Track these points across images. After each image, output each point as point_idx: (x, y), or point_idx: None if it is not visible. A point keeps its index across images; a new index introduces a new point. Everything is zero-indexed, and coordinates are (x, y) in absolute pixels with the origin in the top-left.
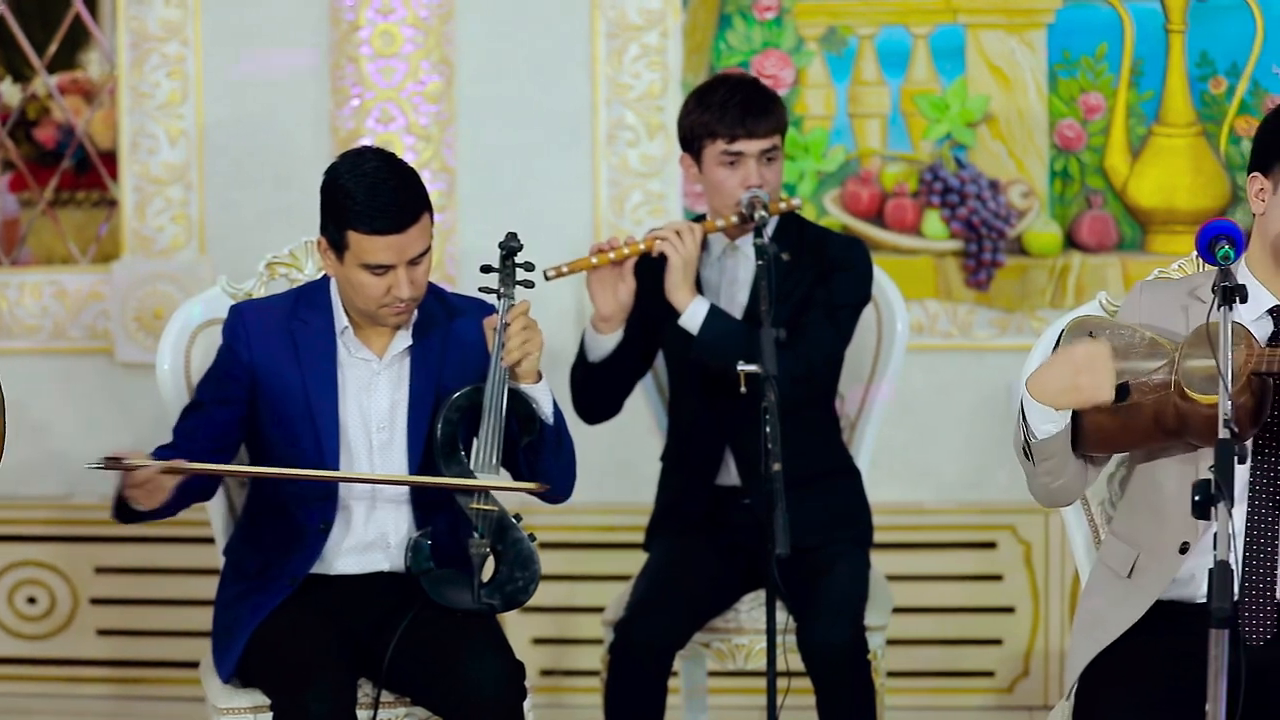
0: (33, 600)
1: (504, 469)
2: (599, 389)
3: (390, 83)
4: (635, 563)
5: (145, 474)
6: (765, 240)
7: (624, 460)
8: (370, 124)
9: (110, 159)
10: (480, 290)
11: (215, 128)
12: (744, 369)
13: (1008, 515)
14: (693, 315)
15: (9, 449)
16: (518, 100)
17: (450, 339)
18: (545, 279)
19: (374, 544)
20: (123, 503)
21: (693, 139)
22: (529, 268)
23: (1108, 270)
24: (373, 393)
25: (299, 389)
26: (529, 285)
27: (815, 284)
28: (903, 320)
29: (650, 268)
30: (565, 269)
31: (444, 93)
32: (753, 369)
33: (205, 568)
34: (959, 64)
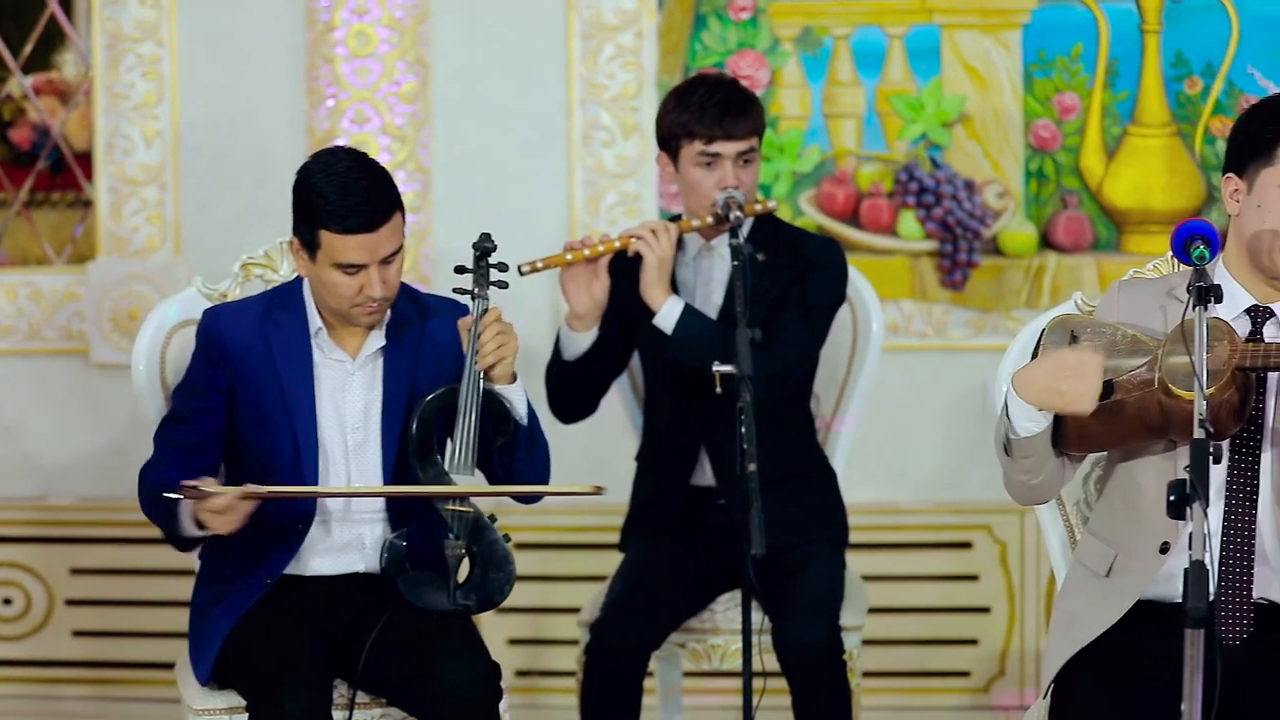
0: (8, 601)
1: (478, 470)
2: (574, 388)
3: (365, 83)
4: (611, 563)
5: (223, 501)
6: (740, 241)
7: (599, 460)
8: (345, 124)
9: (85, 160)
10: (454, 291)
11: (190, 128)
12: (719, 369)
13: (983, 515)
14: (667, 315)
15: None
16: (493, 101)
17: (424, 339)
18: (519, 274)
19: (349, 545)
20: (173, 533)
21: (670, 139)
22: (503, 268)
23: (1083, 270)
24: (347, 394)
25: (275, 392)
26: (503, 286)
27: (790, 284)
28: (878, 320)
29: (625, 267)
30: (539, 264)
31: (419, 93)
32: (728, 369)
33: (180, 569)
34: (934, 64)
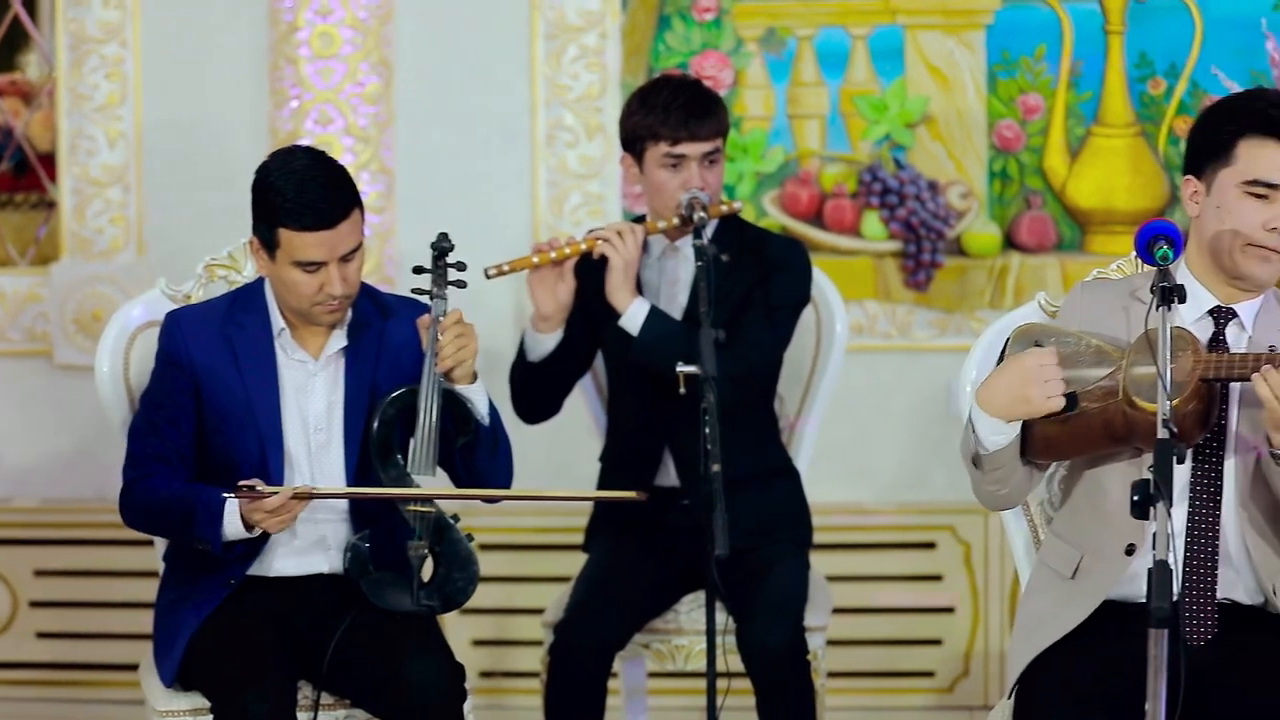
0: None
1: (442, 469)
2: (538, 389)
3: (329, 84)
4: (575, 564)
5: (277, 500)
6: (704, 241)
7: (563, 461)
8: (309, 125)
9: (49, 161)
10: (413, 291)
11: (154, 129)
12: (683, 370)
13: (947, 515)
14: (633, 316)
15: None
16: (456, 102)
17: (384, 339)
18: (486, 277)
19: (313, 546)
20: (189, 539)
21: (634, 140)
22: (461, 267)
23: (1047, 271)
24: (310, 394)
25: (240, 393)
26: (461, 285)
27: (754, 285)
28: (842, 321)
29: (591, 268)
30: (506, 267)
31: (383, 94)
32: (692, 370)
33: (144, 570)
34: (898, 65)
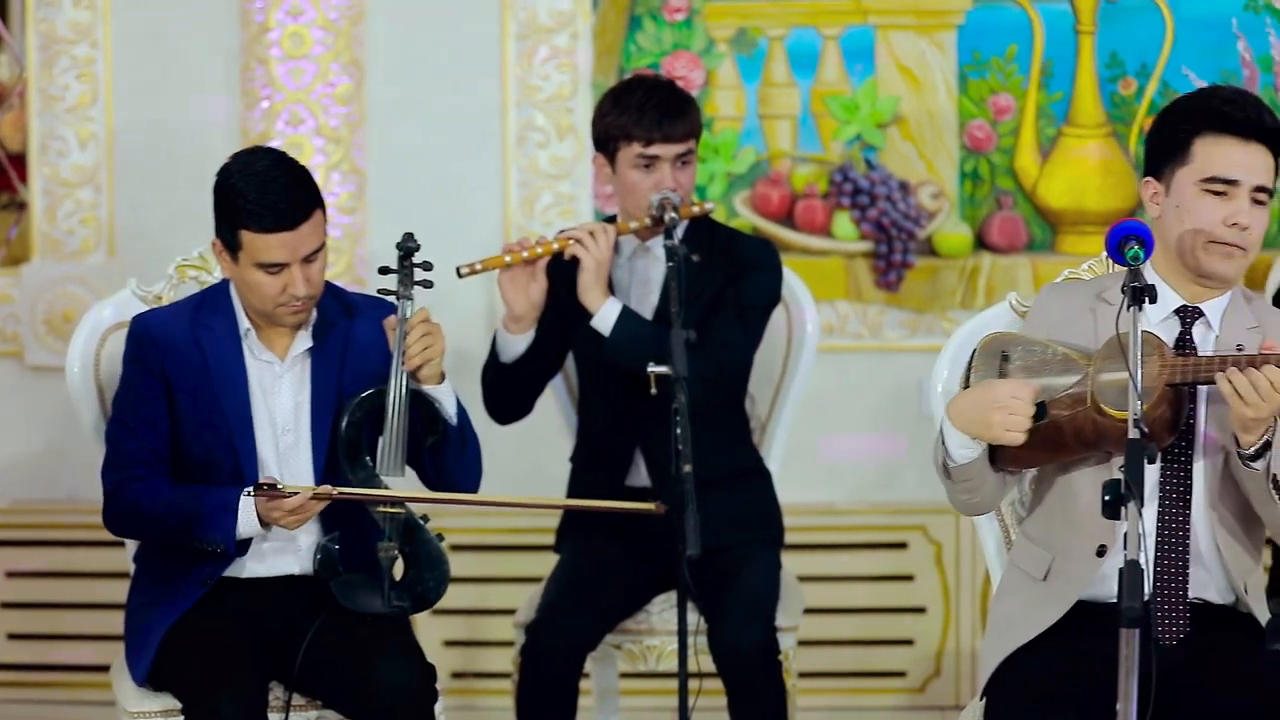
0: None
1: (411, 468)
2: (510, 389)
3: (300, 85)
4: (546, 565)
5: (297, 500)
6: (675, 242)
7: (534, 462)
8: (280, 126)
9: (20, 161)
10: (379, 291)
11: (125, 130)
12: (654, 370)
13: (918, 515)
14: (605, 317)
15: None
16: (428, 102)
17: (350, 339)
18: (458, 276)
19: (284, 548)
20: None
21: (607, 140)
22: (427, 267)
23: (1018, 271)
24: (277, 395)
25: (211, 396)
26: (428, 285)
27: (725, 285)
28: (813, 321)
29: (562, 268)
30: (478, 266)
31: (354, 94)
32: (663, 370)
33: (116, 571)
34: (869, 65)
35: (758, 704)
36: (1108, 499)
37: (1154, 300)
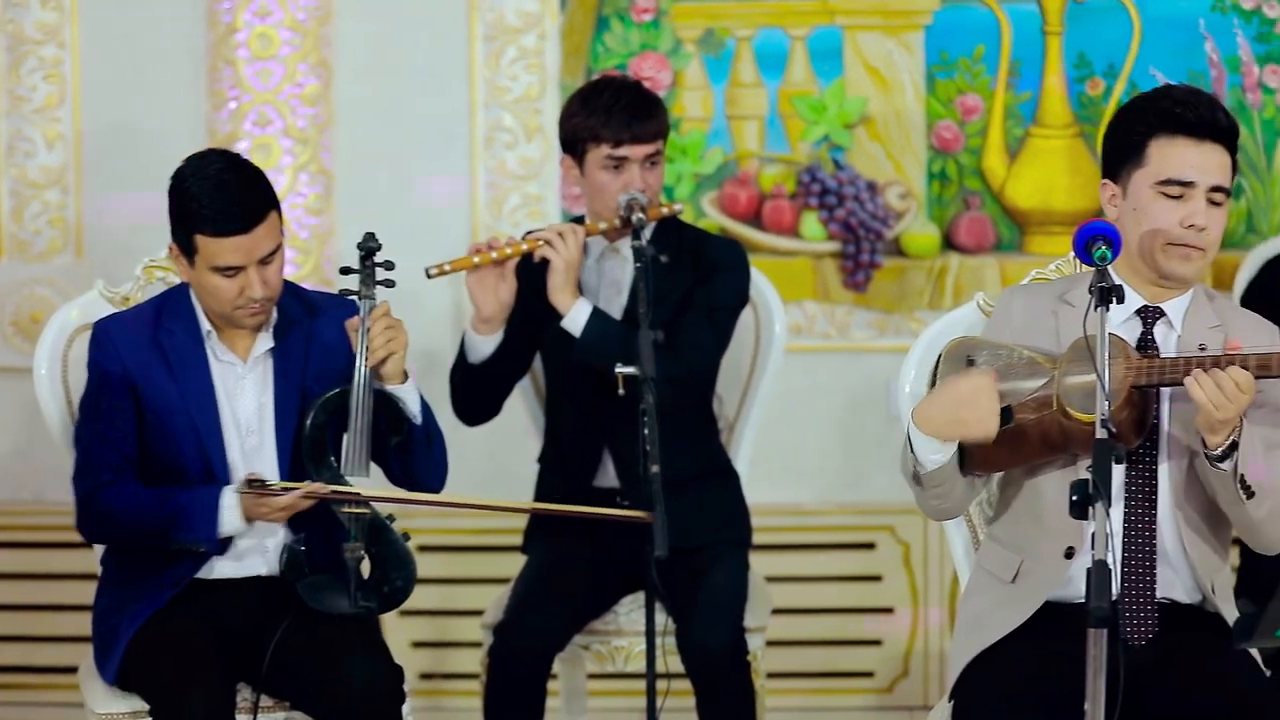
0: None
1: (378, 466)
2: (479, 390)
3: (267, 85)
4: (514, 565)
5: (288, 499)
6: (643, 243)
7: (501, 463)
8: (248, 127)
9: None
10: (341, 292)
11: (92, 131)
12: (622, 371)
13: (886, 516)
14: (575, 318)
15: None
16: (395, 103)
17: (312, 338)
18: (427, 276)
19: (251, 549)
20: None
21: (575, 142)
22: (389, 267)
23: (985, 271)
24: (240, 397)
25: (177, 399)
26: (390, 285)
27: (694, 286)
28: (781, 322)
29: (531, 269)
30: (447, 267)
31: (321, 95)
32: (631, 371)
33: (84, 573)
34: (836, 66)
35: (726, 704)
36: (1075, 499)
37: (1121, 300)
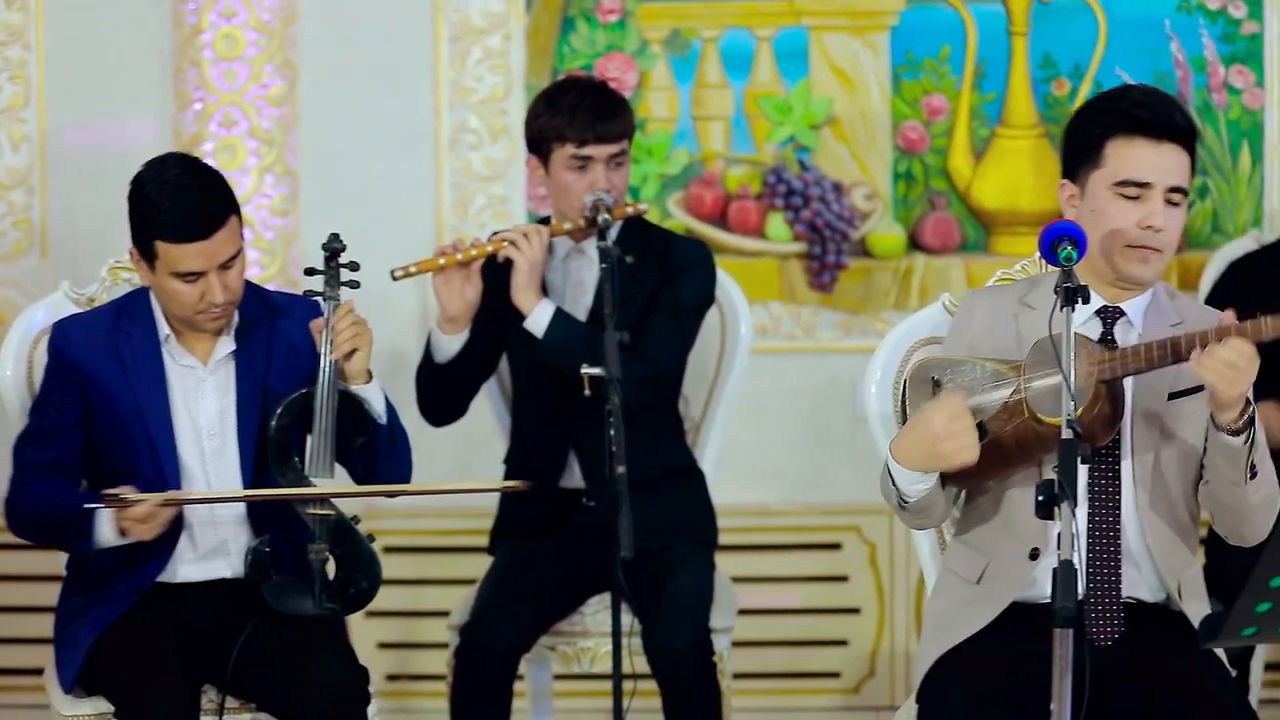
0: None
1: (342, 467)
2: (445, 391)
3: (233, 86)
4: (480, 567)
5: (144, 509)
6: (609, 243)
7: (467, 463)
8: (213, 128)
9: None
10: (306, 293)
11: (58, 132)
12: (587, 371)
13: (852, 516)
14: (538, 318)
15: None
16: (361, 104)
17: (275, 340)
18: (393, 279)
19: (215, 551)
20: (72, 545)
21: (541, 142)
22: (354, 267)
23: (951, 272)
24: (200, 400)
25: (129, 403)
26: (354, 285)
27: (659, 286)
28: (746, 322)
29: (497, 269)
30: (413, 269)
31: (287, 96)
32: (596, 371)
33: (48, 574)
34: (802, 66)
35: (692, 705)
36: (1041, 499)
37: (1086, 300)
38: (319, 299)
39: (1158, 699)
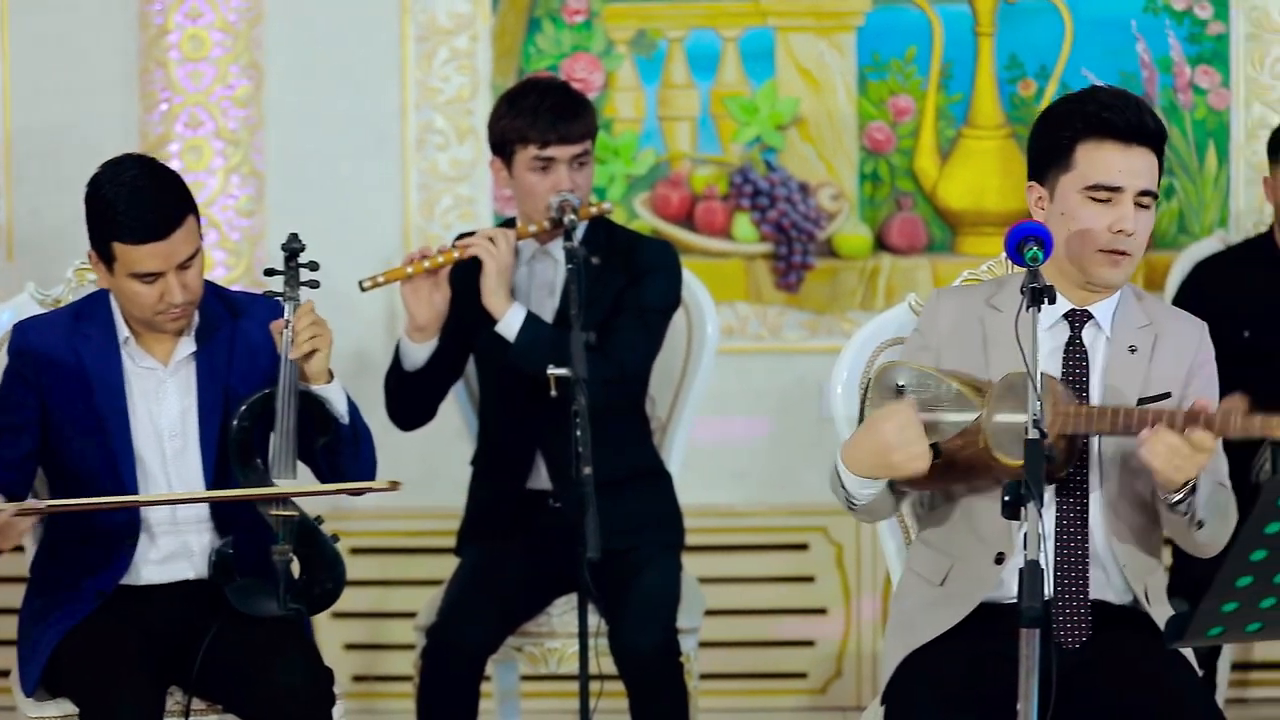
0: None
1: (306, 466)
2: (414, 397)
3: (199, 87)
4: (447, 567)
5: (2, 518)
6: (575, 244)
7: (434, 465)
8: (179, 129)
9: None
10: (266, 293)
11: (23, 133)
12: (554, 372)
13: (819, 517)
14: (510, 323)
15: None
16: (327, 105)
17: (236, 340)
18: (361, 289)
19: (177, 554)
20: None
21: (504, 144)
22: (314, 267)
23: (918, 272)
24: (161, 401)
25: (88, 405)
26: (314, 285)
27: (625, 287)
28: (713, 323)
29: (464, 274)
30: (381, 279)
31: (253, 97)
32: (563, 372)
33: (13, 576)
34: (768, 67)
35: (659, 705)
36: (1007, 499)
37: (1053, 301)
38: (279, 299)
39: (1126, 699)
